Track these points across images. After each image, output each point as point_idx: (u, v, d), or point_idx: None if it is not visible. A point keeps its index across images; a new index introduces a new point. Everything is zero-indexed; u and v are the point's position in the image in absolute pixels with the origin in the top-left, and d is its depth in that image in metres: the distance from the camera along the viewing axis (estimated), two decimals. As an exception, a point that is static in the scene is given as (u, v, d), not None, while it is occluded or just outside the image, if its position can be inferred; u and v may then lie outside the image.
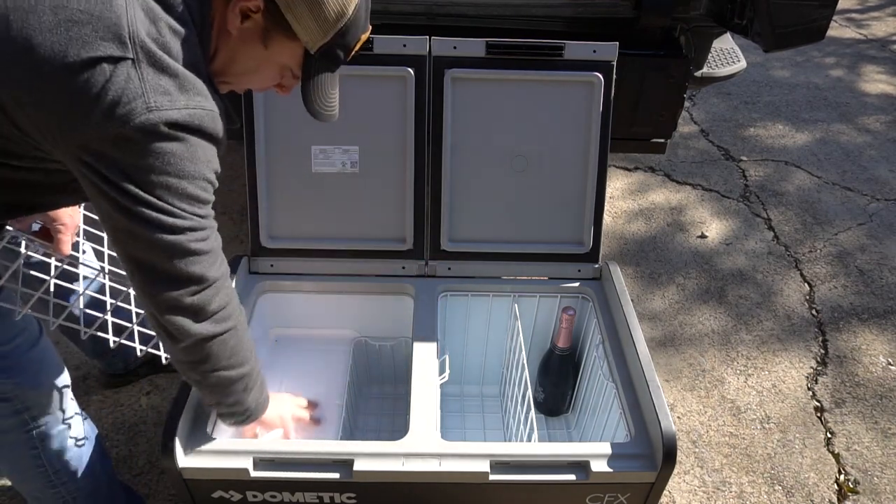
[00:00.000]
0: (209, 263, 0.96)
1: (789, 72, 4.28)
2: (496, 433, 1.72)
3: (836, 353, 2.24)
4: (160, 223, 0.88)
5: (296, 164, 1.52)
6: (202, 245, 0.93)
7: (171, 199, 0.88)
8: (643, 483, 1.19)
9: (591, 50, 1.48)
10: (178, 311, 0.95)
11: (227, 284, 1.01)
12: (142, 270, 0.92)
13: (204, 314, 0.98)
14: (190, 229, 0.91)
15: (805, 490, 1.80)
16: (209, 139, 0.90)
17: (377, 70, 1.47)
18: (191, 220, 0.90)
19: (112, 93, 0.80)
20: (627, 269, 2.56)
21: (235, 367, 1.07)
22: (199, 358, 1.02)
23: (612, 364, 1.40)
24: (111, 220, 0.89)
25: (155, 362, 1.96)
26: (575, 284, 1.60)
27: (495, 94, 1.50)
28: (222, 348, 1.02)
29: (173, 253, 0.91)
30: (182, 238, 0.90)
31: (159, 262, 0.91)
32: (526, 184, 1.55)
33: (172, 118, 0.84)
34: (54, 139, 0.84)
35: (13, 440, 1.22)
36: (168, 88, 0.84)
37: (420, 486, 1.18)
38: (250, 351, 1.10)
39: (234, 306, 1.04)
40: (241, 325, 1.06)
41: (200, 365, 1.03)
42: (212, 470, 1.15)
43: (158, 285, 0.93)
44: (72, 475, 1.31)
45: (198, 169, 0.89)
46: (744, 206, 2.97)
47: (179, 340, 0.98)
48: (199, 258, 0.93)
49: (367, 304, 1.61)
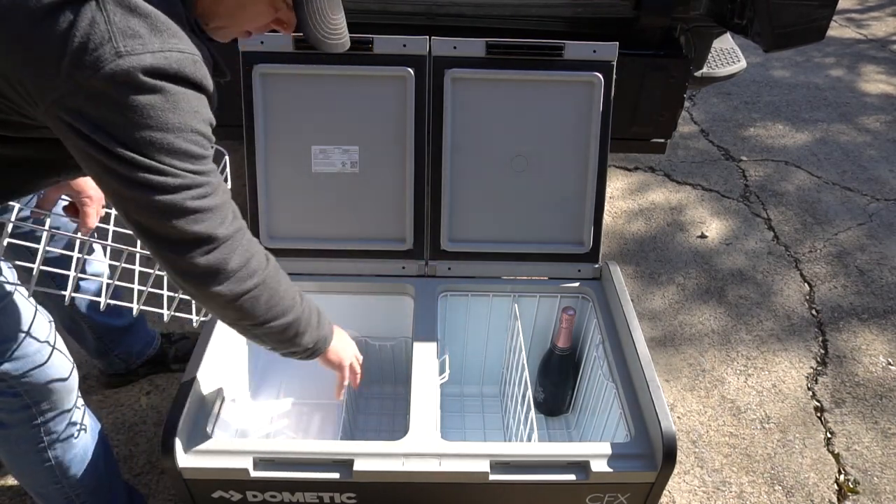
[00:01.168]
0: (216, 221, 0.89)
1: (789, 72, 4.28)
2: (496, 433, 1.72)
3: (836, 353, 2.24)
4: (150, 183, 0.81)
5: (296, 164, 1.52)
6: (202, 202, 0.86)
7: (158, 156, 0.81)
8: (643, 483, 1.19)
9: (591, 50, 1.48)
10: (196, 275, 0.90)
11: (243, 240, 0.94)
12: (145, 235, 0.87)
13: (224, 274, 0.92)
14: (184, 187, 0.84)
15: (805, 490, 1.80)
16: (192, 86, 0.83)
17: (377, 70, 1.47)
18: (183, 177, 0.83)
19: (77, 39, 0.74)
20: (627, 268, 2.56)
21: (278, 318, 1.02)
22: (236, 316, 0.98)
23: (612, 364, 1.40)
24: (101, 182, 0.84)
25: (155, 362, 1.97)
26: (575, 284, 1.60)
27: (495, 94, 1.50)
28: (255, 304, 0.97)
29: (171, 214, 0.84)
30: (177, 197, 0.84)
31: (159, 226, 0.85)
32: (526, 184, 1.55)
33: (146, 63, 0.77)
34: (31, 99, 0.80)
35: (20, 434, 1.23)
36: (138, 30, 0.77)
37: (420, 486, 1.18)
38: (292, 298, 1.05)
39: (257, 261, 0.97)
40: (270, 277, 1.00)
41: (240, 321, 0.99)
42: (212, 470, 1.15)
43: (165, 250, 0.87)
44: (76, 471, 1.32)
45: (183, 120, 0.81)
46: (744, 206, 2.97)
47: (208, 302, 0.94)
48: (200, 216, 0.87)
49: (367, 304, 1.61)
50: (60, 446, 1.27)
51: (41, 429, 1.23)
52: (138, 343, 1.90)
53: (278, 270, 1.04)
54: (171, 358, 1.98)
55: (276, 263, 1.04)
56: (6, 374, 1.14)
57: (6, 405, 1.19)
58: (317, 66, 1.46)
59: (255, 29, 0.98)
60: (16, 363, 1.14)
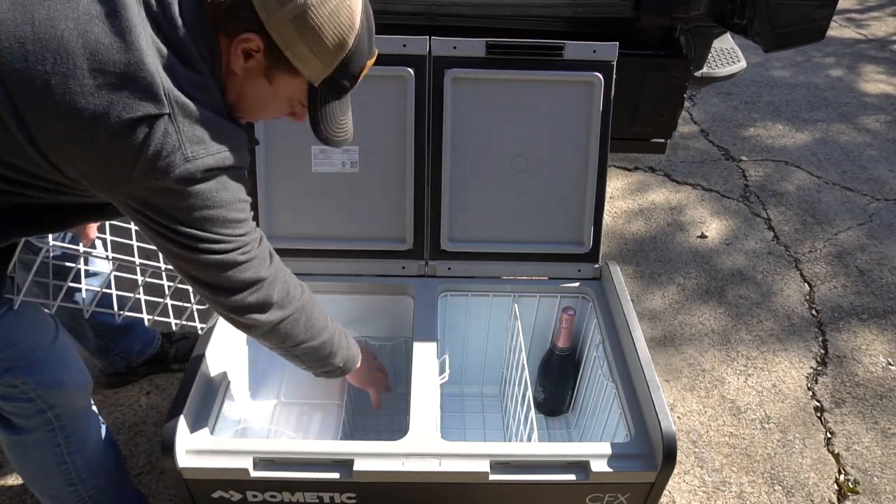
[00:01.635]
0: (259, 266, 1.04)
1: (789, 72, 4.28)
2: (496, 433, 1.72)
3: (836, 353, 2.24)
4: (208, 250, 0.96)
5: (296, 164, 1.52)
6: (249, 255, 1.01)
7: (214, 229, 0.95)
8: (643, 483, 1.19)
9: (591, 50, 1.48)
10: (246, 310, 1.05)
11: (281, 275, 1.10)
12: (202, 286, 1.02)
13: (268, 305, 1.07)
14: (235, 248, 0.99)
15: (805, 490, 1.80)
16: (237, 167, 0.97)
17: (377, 70, 1.46)
18: (234, 241, 0.98)
19: (152, 148, 0.85)
20: (627, 268, 2.56)
21: (315, 338, 1.18)
22: (279, 339, 1.13)
23: (612, 364, 1.40)
24: (163, 248, 0.97)
25: (155, 361, 1.97)
26: (575, 284, 1.60)
27: (495, 94, 1.50)
28: (295, 326, 1.13)
29: (224, 268, 0.99)
30: (229, 256, 0.99)
31: (214, 278, 1.00)
32: (526, 184, 1.55)
33: (208, 164, 0.90)
34: (100, 188, 0.90)
35: (37, 440, 1.24)
36: (202, 137, 0.89)
37: (420, 486, 1.18)
38: (324, 320, 1.20)
39: (295, 289, 1.13)
40: (307, 302, 1.15)
41: (282, 343, 1.15)
42: (212, 470, 1.15)
43: (220, 295, 1.02)
44: (91, 472, 1.34)
45: (232, 195, 0.96)
46: (744, 206, 2.97)
47: (256, 330, 1.10)
48: (248, 265, 1.02)
49: (367, 304, 1.61)
50: (77, 448, 1.29)
51: (57, 432, 1.25)
52: (139, 342, 1.90)
53: (312, 296, 1.19)
54: (172, 358, 1.98)
55: (309, 290, 1.19)
56: (19, 380, 1.15)
57: (22, 411, 1.20)
58: (317, 66, 1.46)
59: (269, 118, 1.09)
60: (28, 369, 1.15)
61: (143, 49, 0.84)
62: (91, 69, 0.82)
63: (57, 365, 1.20)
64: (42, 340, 1.18)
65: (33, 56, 0.81)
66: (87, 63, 0.81)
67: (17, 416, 1.21)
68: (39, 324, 1.18)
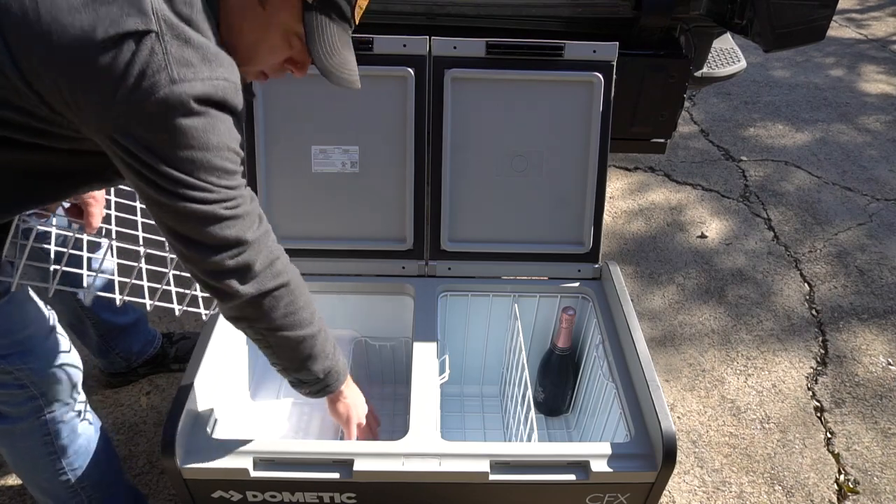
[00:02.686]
0: (245, 226, 0.96)
1: (789, 72, 4.28)
2: (496, 433, 1.72)
3: (836, 353, 2.24)
4: (189, 197, 0.89)
5: (296, 164, 1.52)
6: (234, 211, 0.94)
7: (199, 174, 0.89)
8: (643, 483, 1.19)
9: (591, 50, 1.48)
10: (223, 275, 0.97)
11: (269, 243, 1.02)
12: (179, 240, 0.94)
13: (250, 273, 0.99)
14: (220, 200, 0.92)
15: (805, 490, 1.80)
16: (229, 112, 0.90)
17: (377, 70, 1.47)
18: (219, 191, 0.92)
19: (137, 66, 0.81)
20: (627, 268, 2.56)
21: (294, 328, 1.07)
22: (253, 315, 1.03)
23: (612, 364, 1.40)
24: (142, 193, 0.91)
25: (155, 362, 1.97)
26: (575, 284, 1.60)
27: (495, 94, 1.50)
28: (274, 306, 1.03)
29: (206, 222, 0.92)
30: (213, 207, 0.92)
31: (194, 231, 0.93)
32: (526, 184, 1.55)
33: (196, 90, 0.84)
34: (83, 115, 0.85)
35: (27, 427, 1.24)
36: (191, 60, 0.84)
37: (420, 486, 1.18)
38: (312, 314, 1.10)
39: (282, 263, 1.04)
40: (294, 284, 1.06)
41: (256, 323, 1.04)
42: (212, 470, 1.15)
43: (197, 252, 0.95)
44: (81, 463, 1.33)
45: (221, 140, 0.89)
46: (744, 206, 2.97)
47: (230, 300, 1.00)
48: (232, 222, 0.94)
49: (367, 304, 1.61)
50: (66, 437, 1.28)
51: (47, 420, 1.24)
52: (139, 342, 1.90)
53: (301, 282, 1.09)
54: (172, 358, 1.98)
55: (298, 274, 1.09)
56: (13, 366, 1.15)
57: (12, 398, 1.20)
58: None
59: (270, 69, 1.04)
60: (23, 356, 1.15)
61: None
62: None
63: (52, 354, 1.20)
64: (39, 329, 1.18)
65: None
66: None
67: (8, 403, 1.21)
68: (37, 313, 1.18)
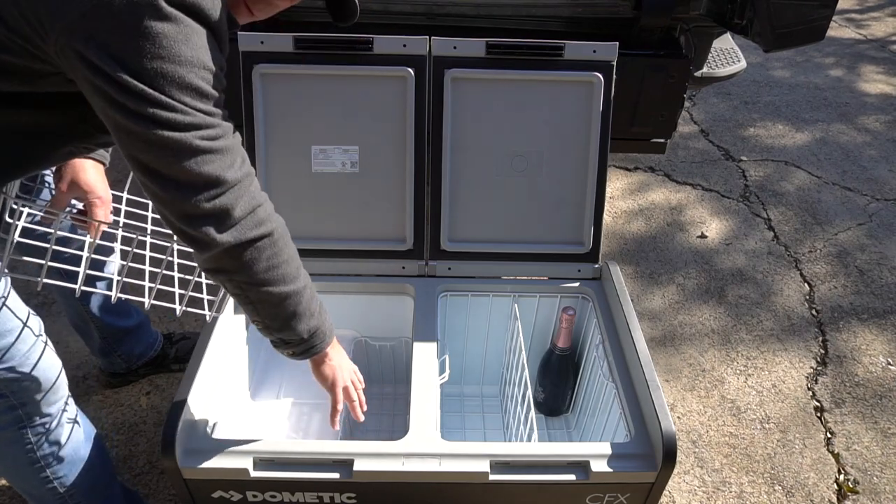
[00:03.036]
0: (225, 164, 0.87)
1: (789, 72, 4.28)
2: (496, 433, 1.72)
3: (836, 353, 2.24)
4: (159, 118, 0.80)
5: (296, 164, 1.52)
6: (211, 143, 0.84)
7: (169, 89, 0.79)
8: (643, 483, 1.19)
9: (591, 50, 1.48)
10: (199, 220, 0.87)
11: (252, 188, 0.92)
12: (150, 176, 0.84)
13: (229, 219, 0.89)
14: (194, 126, 0.82)
15: (805, 490, 1.80)
16: (206, 24, 0.82)
17: (377, 70, 1.47)
18: (193, 115, 0.82)
19: None
20: (627, 268, 2.56)
21: (278, 283, 0.97)
22: (232, 267, 0.93)
23: (612, 364, 1.40)
24: (110, 119, 0.82)
25: (156, 362, 1.97)
26: (575, 284, 1.60)
27: (495, 94, 1.50)
28: (255, 256, 0.93)
29: (179, 153, 0.82)
30: (187, 136, 0.82)
31: (166, 165, 0.83)
32: (526, 184, 1.55)
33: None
34: (43, 28, 0.77)
35: (9, 437, 1.22)
36: None
37: (420, 486, 1.18)
38: (297, 269, 1.01)
39: (265, 211, 0.94)
40: (278, 234, 0.96)
41: (235, 275, 0.94)
42: (212, 470, 1.15)
43: (170, 191, 0.85)
44: (68, 472, 1.31)
45: (196, 55, 0.80)
46: (744, 206, 2.97)
47: (206, 250, 0.90)
48: (210, 157, 0.84)
49: (367, 304, 1.61)
50: (49, 447, 1.26)
51: (28, 430, 1.22)
52: (142, 345, 1.91)
53: (286, 233, 0.99)
54: (172, 358, 1.98)
55: (284, 225, 0.99)
56: None
57: None
58: (317, 67, 1.46)
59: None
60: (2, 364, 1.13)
61: None
62: None
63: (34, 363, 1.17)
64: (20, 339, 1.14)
65: None
66: None
67: None
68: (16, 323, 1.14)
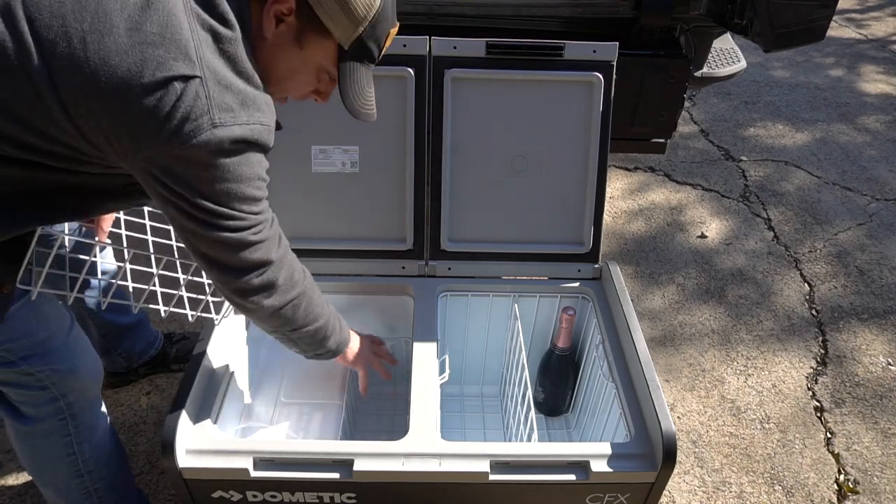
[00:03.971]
0: (269, 248, 1.05)
1: (789, 72, 4.28)
2: (496, 433, 1.72)
3: (836, 353, 2.24)
4: (223, 226, 0.96)
5: (296, 164, 1.52)
6: (261, 236, 1.02)
7: (232, 203, 0.95)
8: (643, 483, 1.19)
9: (591, 50, 1.48)
10: (251, 293, 1.06)
11: (288, 259, 1.11)
12: (212, 264, 1.02)
13: (273, 289, 1.08)
14: (249, 227, 0.99)
15: (805, 490, 1.80)
16: (262, 150, 0.97)
17: (377, 70, 1.45)
18: (248, 219, 0.99)
19: (182, 110, 0.85)
20: (627, 268, 2.56)
21: (312, 323, 1.19)
22: (280, 324, 1.14)
23: (612, 364, 1.40)
24: (177, 223, 0.97)
25: (156, 362, 1.96)
26: (575, 284, 1.60)
27: (495, 94, 1.50)
28: (296, 311, 1.14)
29: (237, 248, 1.00)
30: (243, 234, 0.99)
31: (225, 257, 1.01)
32: (526, 184, 1.55)
33: (235, 134, 0.89)
34: (123, 152, 0.89)
35: (48, 429, 1.25)
36: (231, 105, 0.89)
37: (420, 486, 1.18)
38: (321, 306, 1.21)
39: (298, 274, 1.14)
40: (308, 288, 1.17)
41: (282, 328, 1.15)
42: (212, 470, 1.15)
43: (229, 275, 1.03)
44: (97, 464, 1.34)
45: (253, 171, 0.96)
46: (744, 206, 2.97)
47: (257, 313, 1.10)
48: (259, 246, 1.02)
49: (367, 304, 1.61)
50: (86, 438, 1.30)
51: (68, 421, 1.26)
52: (142, 342, 1.91)
53: (312, 281, 1.20)
54: (172, 358, 1.98)
55: (310, 275, 1.20)
56: (34, 368, 1.16)
57: (33, 399, 1.21)
58: (317, 66, 1.46)
59: (296, 97, 1.10)
60: (44, 357, 1.16)
61: (179, 13, 0.85)
62: (127, 28, 0.83)
63: (72, 353, 1.21)
64: (58, 330, 1.19)
65: (72, 15, 0.82)
66: (123, 23, 0.83)
67: (30, 404, 1.21)
68: (55, 314, 1.19)
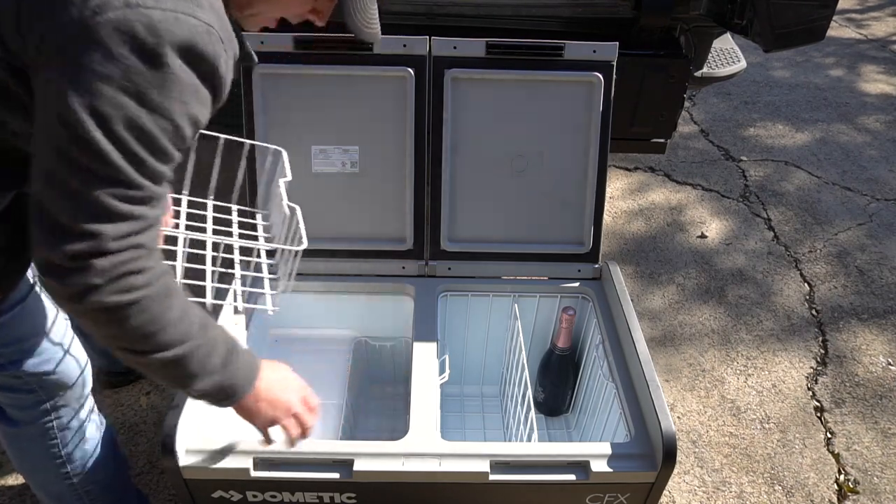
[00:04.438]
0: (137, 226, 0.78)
1: (789, 72, 4.28)
2: (496, 433, 1.72)
3: (836, 353, 2.24)
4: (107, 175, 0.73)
5: (296, 164, 1.51)
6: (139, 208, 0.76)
7: (124, 136, 0.72)
8: (643, 483, 1.19)
9: (591, 50, 1.48)
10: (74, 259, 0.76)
11: (164, 268, 0.83)
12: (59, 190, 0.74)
13: (124, 278, 0.78)
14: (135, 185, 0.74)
15: (805, 490, 1.80)
16: (196, 66, 0.75)
17: (377, 70, 1.47)
18: (141, 182, 0.75)
19: None
20: (627, 268, 2.56)
21: (159, 351, 0.84)
22: (107, 332, 0.82)
23: (612, 364, 1.40)
24: (48, 132, 0.74)
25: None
26: (575, 284, 1.60)
27: (495, 94, 1.50)
28: (126, 323, 0.80)
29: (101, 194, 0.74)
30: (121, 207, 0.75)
31: (84, 195, 0.74)
32: (526, 184, 1.55)
33: (153, 20, 0.70)
34: (33, 42, 0.74)
35: (33, 432, 1.24)
36: None
37: (420, 486, 1.18)
38: (184, 331, 0.86)
39: (145, 278, 0.80)
40: (154, 299, 0.82)
41: (115, 341, 0.83)
42: (212, 470, 1.15)
43: (59, 232, 0.75)
44: (88, 467, 1.33)
45: (171, 106, 0.73)
46: (744, 206, 2.97)
47: (81, 303, 0.78)
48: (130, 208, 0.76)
49: (367, 304, 1.61)
50: (72, 442, 1.28)
51: (54, 425, 1.24)
52: None
53: (170, 294, 0.84)
54: (172, 358, 1.98)
55: (174, 285, 0.86)
56: (24, 371, 1.15)
57: (20, 402, 1.20)
58: (317, 67, 1.46)
59: (290, 16, 0.93)
60: (34, 359, 1.15)
61: None
62: None
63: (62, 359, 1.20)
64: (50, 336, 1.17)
65: None
66: None
67: (16, 407, 1.21)
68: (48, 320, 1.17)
